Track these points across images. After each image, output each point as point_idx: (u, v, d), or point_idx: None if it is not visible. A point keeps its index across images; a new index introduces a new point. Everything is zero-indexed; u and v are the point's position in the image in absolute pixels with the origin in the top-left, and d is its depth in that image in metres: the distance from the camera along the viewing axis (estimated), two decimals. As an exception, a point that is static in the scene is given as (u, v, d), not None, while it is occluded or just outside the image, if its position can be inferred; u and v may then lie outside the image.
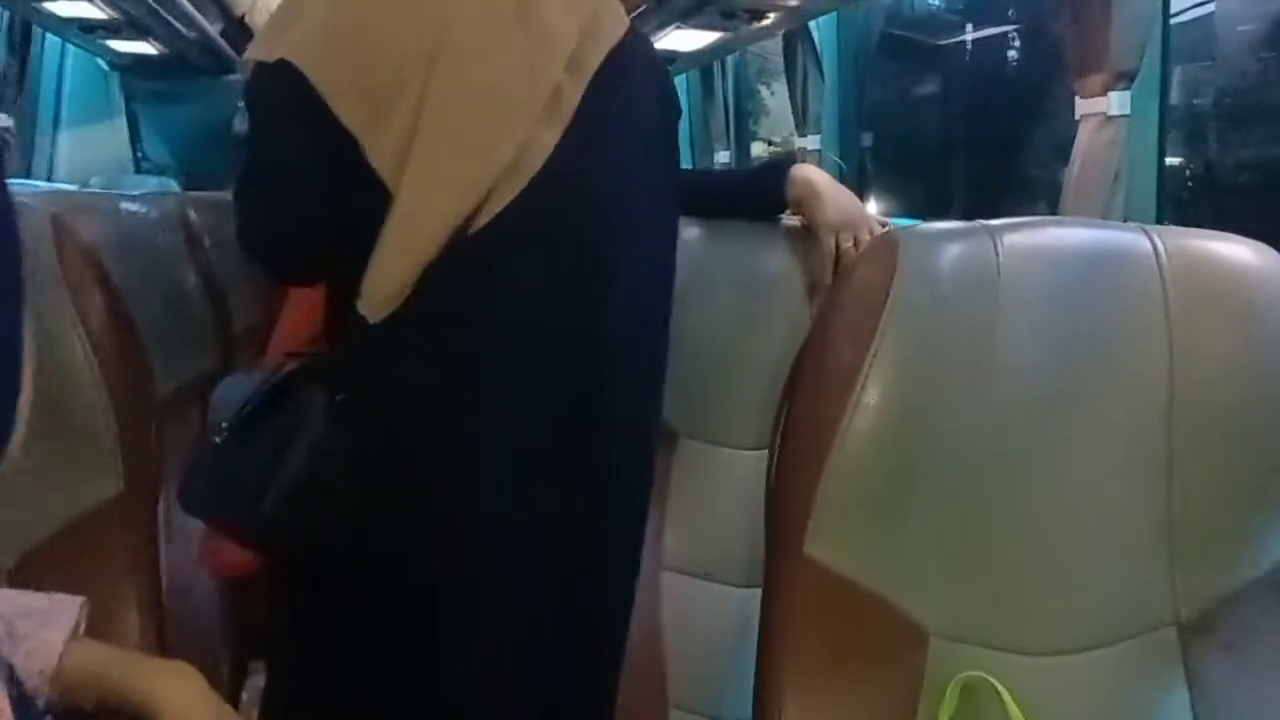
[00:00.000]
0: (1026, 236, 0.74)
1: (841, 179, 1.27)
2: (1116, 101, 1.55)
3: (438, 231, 0.85)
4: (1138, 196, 1.59)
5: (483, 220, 0.86)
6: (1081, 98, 1.62)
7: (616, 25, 0.95)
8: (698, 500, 1.28)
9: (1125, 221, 1.58)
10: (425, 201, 0.85)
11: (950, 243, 0.73)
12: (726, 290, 1.25)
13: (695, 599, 1.29)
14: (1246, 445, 0.72)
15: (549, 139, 0.89)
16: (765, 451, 1.09)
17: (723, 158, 4.00)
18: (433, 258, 0.86)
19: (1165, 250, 0.73)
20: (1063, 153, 1.77)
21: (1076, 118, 1.64)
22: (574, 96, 0.90)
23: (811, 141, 2.92)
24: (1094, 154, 1.58)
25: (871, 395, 0.71)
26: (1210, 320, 0.72)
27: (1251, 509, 0.73)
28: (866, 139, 3.05)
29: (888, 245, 0.72)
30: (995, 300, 0.72)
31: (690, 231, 1.25)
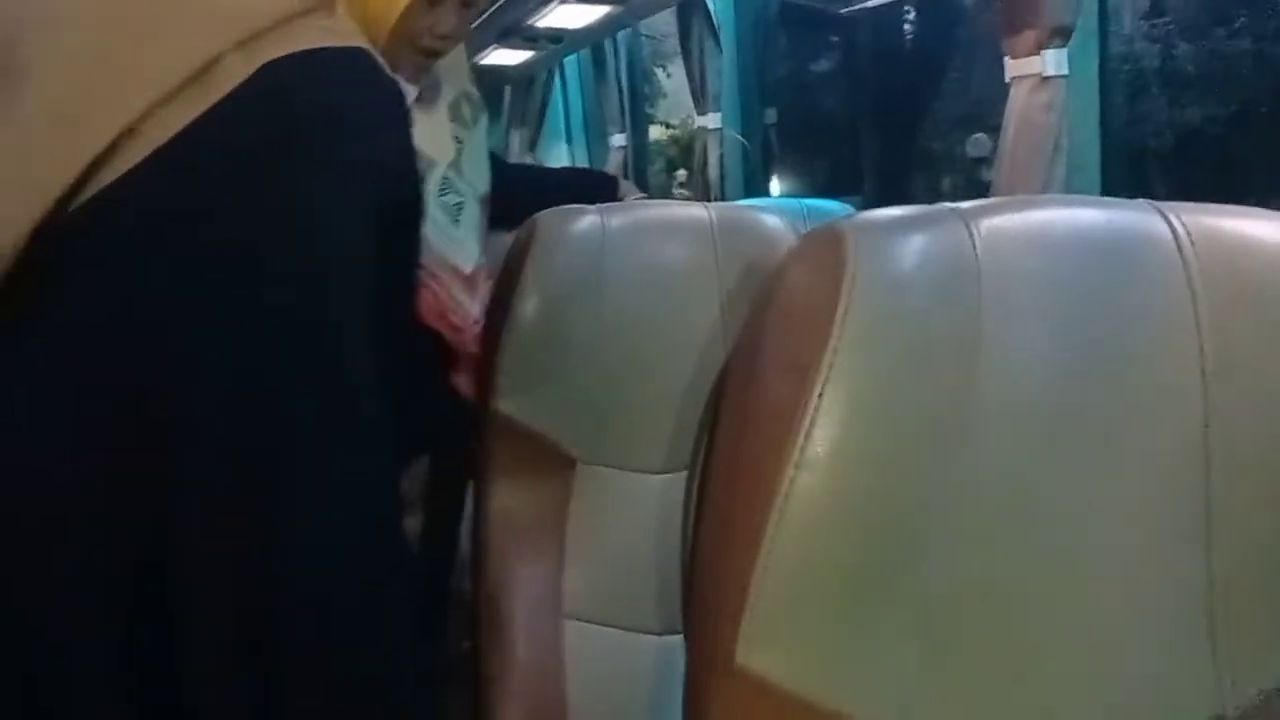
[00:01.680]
0: (1010, 221, 0.54)
1: (746, 159, 1.14)
2: (1052, 60, 1.39)
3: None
4: (1078, 168, 1.44)
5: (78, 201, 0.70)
6: (1012, 58, 1.46)
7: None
8: (601, 536, 1.08)
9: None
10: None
11: (912, 233, 0.54)
12: (621, 292, 1.05)
13: (604, 651, 1.10)
14: None
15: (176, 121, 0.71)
16: (678, 474, 1.03)
17: (618, 140, 3.80)
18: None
19: (1189, 235, 0.54)
20: (982, 123, 1.61)
21: (1007, 80, 1.48)
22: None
23: (712, 120, 2.73)
24: (1029, 120, 1.42)
25: (819, 444, 0.51)
26: (1253, 326, 0.54)
27: None
28: (770, 116, 2.87)
29: (831, 240, 0.52)
30: (976, 308, 0.52)
31: (575, 226, 1.05)
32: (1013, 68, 1.46)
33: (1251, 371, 0.53)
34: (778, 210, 1.15)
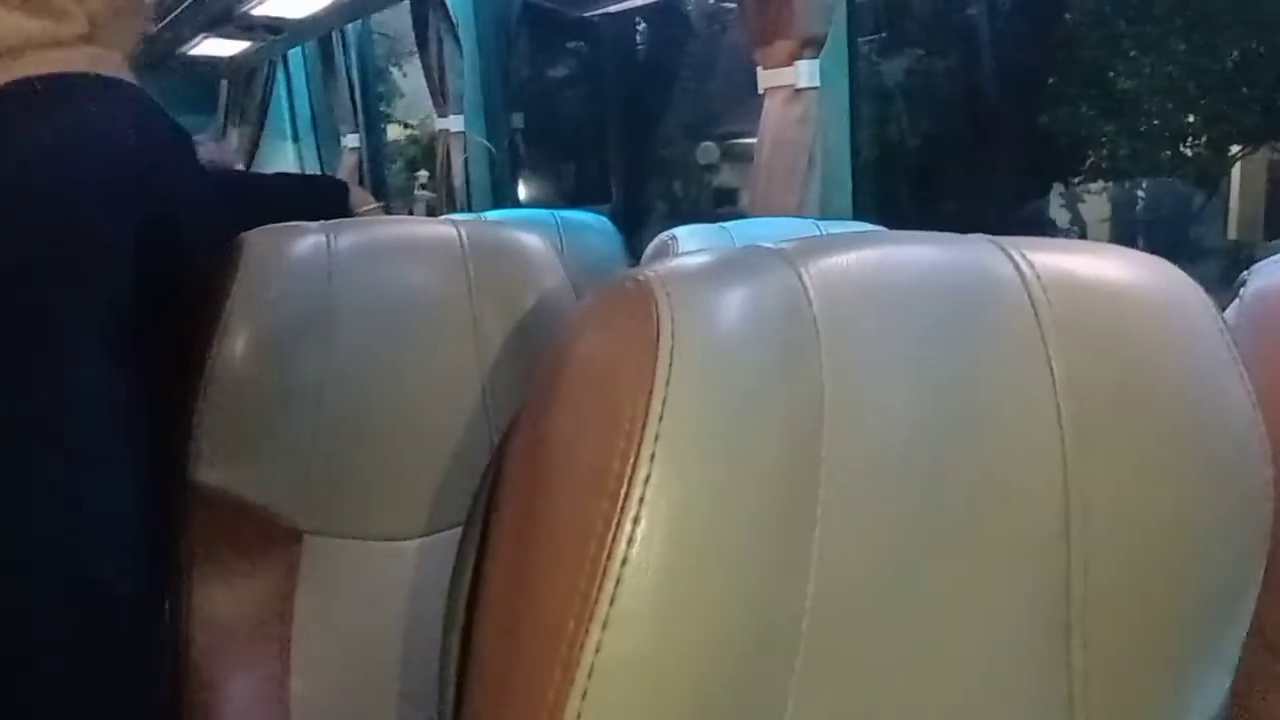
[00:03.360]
0: (843, 264, 0.44)
1: (492, 165, 1.01)
2: (805, 71, 1.35)
3: None
4: (831, 181, 1.41)
5: None
6: (764, 68, 1.41)
7: None
8: (336, 624, 0.90)
9: (821, 217, 1.40)
10: None
11: (733, 285, 0.42)
12: (352, 328, 0.88)
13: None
14: (1165, 571, 0.50)
15: None
16: (433, 538, 0.92)
17: (351, 141, 3.54)
18: None
19: (1036, 276, 0.46)
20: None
21: (760, 91, 1.43)
22: None
23: (453, 122, 2.56)
24: (784, 133, 1.38)
25: (637, 558, 0.39)
26: (1111, 384, 0.46)
27: (1165, 666, 0.50)
28: (517, 120, 2.74)
29: (636, 299, 0.39)
30: (817, 370, 0.41)
31: (293, 247, 0.87)
32: (765, 79, 1.41)
33: (1109, 436, 0.46)
34: (535, 225, 1.02)
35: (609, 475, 0.34)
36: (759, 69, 1.41)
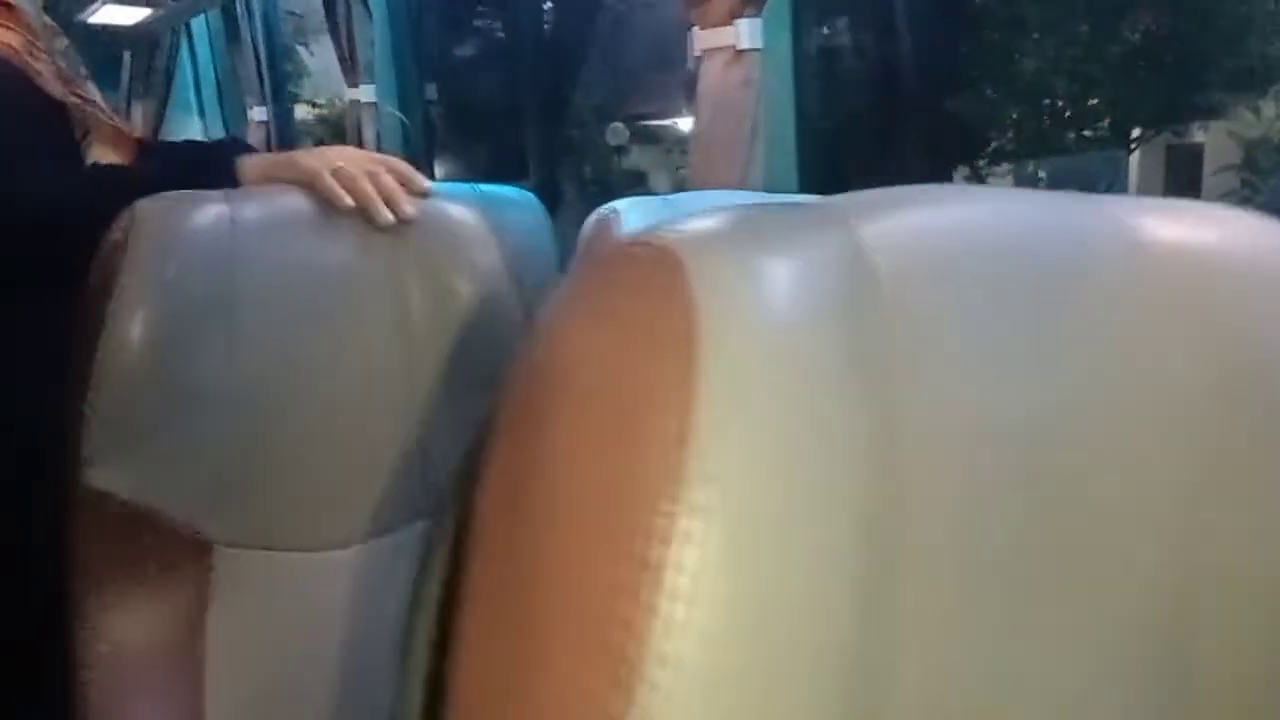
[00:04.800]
0: (908, 225, 0.35)
1: (406, 139, 0.92)
2: (747, 31, 1.28)
3: None
4: (775, 148, 1.34)
5: None
6: (701, 28, 1.34)
7: None
8: (255, 649, 0.81)
9: (765, 189, 1.33)
10: None
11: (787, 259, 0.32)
12: (261, 309, 0.78)
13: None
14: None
15: None
16: (362, 547, 0.83)
17: (258, 114, 3.36)
18: None
19: (1155, 242, 0.37)
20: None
21: (696, 53, 1.36)
22: None
23: (365, 93, 2.43)
24: (725, 99, 1.31)
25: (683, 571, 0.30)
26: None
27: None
28: (431, 91, 2.61)
29: (657, 261, 0.30)
30: (877, 350, 0.33)
31: (192, 219, 0.77)
32: (703, 40, 1.33)
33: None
34: (455, 199, 0.92)
35: (635, 532, 0.24)
36: (694, 29, 1.34)
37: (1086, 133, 6.17)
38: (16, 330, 0.82)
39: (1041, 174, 6.29)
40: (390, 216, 0.83)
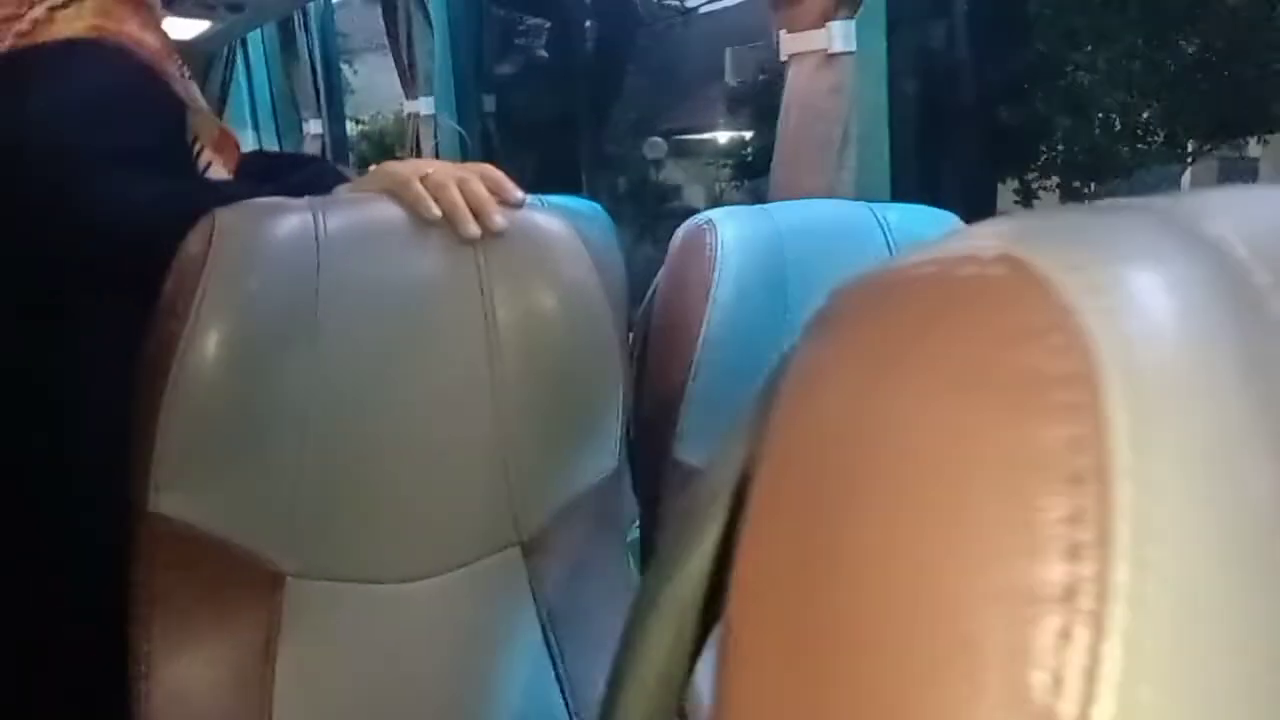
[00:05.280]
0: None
1: (464, 152, 0.89)
2: (840, 34, 1.21)
3: None
4: (864, 159, 1.28)
5: None
6: (789, 31, 1.27)
7: None
8: (329, 687, 0.75)
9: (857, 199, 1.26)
10: None
11: None
12: (346, 325, 0.73)
13: None
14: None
15: None
16: (451, 576, 0.80)
17: (314, 128, 3.35)
18: None
19: None
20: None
21: (782, 58, 1.29)
22: None
23: (424, 105, 2.39)
24: (813, 106, 1.24)
25: None
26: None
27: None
28: (489, 103, 2.57)
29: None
30: None
31: (276, 228, 0.71)
32: (790, 44, 1.27)
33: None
34: (543, 207, 0.86)
35: (1027, 652, 0.17)
36: (780, 33, 1.27)
37: (1140, 146, 6.01)
38: (104, 345, 0.77)
39: (1091, 188, 6.15)
40: (476, 231, 0.77)
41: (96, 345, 0.77)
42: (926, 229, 1.10)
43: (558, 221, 0.82)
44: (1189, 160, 5.90)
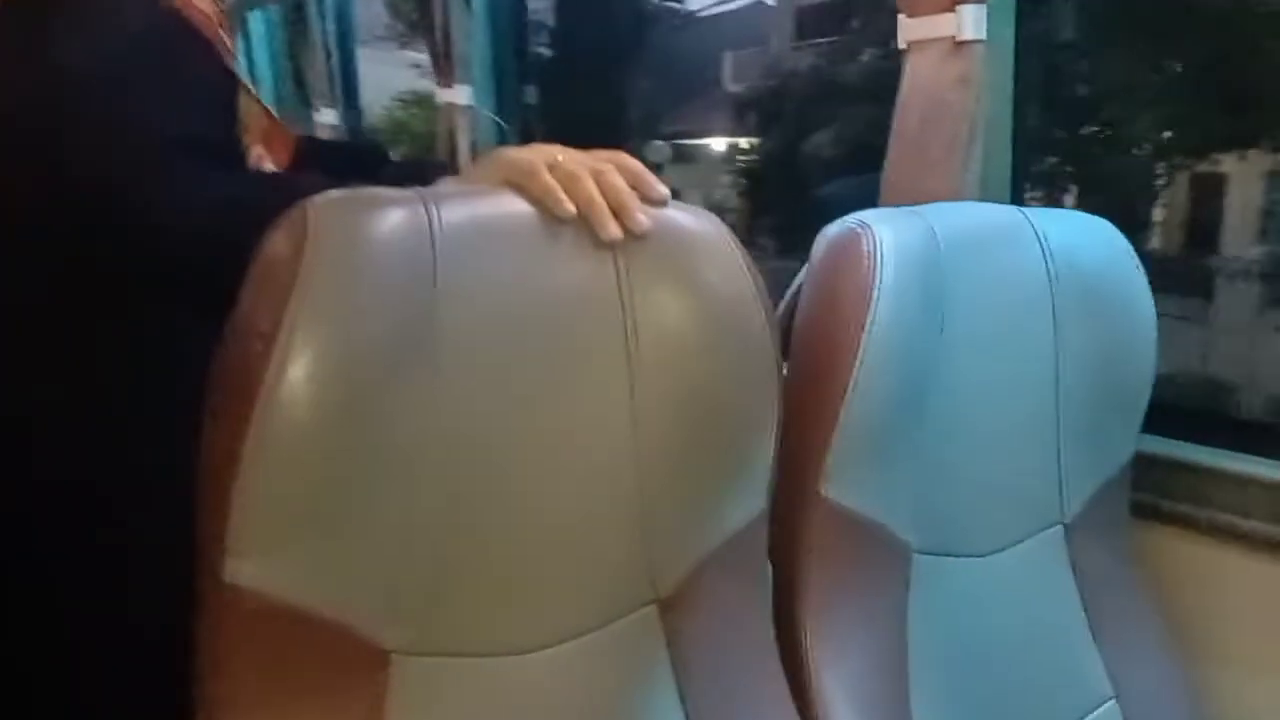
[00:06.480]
0: None
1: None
2: (971, 20, 1.08)
3: None
4: (987, 157, 1.14)
5: None
6: (910, 16, 1.13)
7: None
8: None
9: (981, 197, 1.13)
10: None
11: None
12: (464, 338, 0.58)
13: None
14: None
15: None
16: (556, 650, 0.67)
17: (328, 118, 3.19)
18: None
19: None
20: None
21: (902, 45, 1.16)
22: None
23: (460, 94, 2.23)
24: (938, 98, 1.10)
25: None
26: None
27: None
28: (531, 95, 2.42)
29: None
30: None
31: (385, 222, 0.57)
32: (911, 30, 1.13)
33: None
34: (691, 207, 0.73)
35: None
36: (901, 18, 1.13)
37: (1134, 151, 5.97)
38: (177, 372, 0.62)
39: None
40: (618, 231, 0.64)
41: (162, 362, 0.63)
42: (1083, 237, 0.97)
43: (708, 222, 0.68)
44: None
